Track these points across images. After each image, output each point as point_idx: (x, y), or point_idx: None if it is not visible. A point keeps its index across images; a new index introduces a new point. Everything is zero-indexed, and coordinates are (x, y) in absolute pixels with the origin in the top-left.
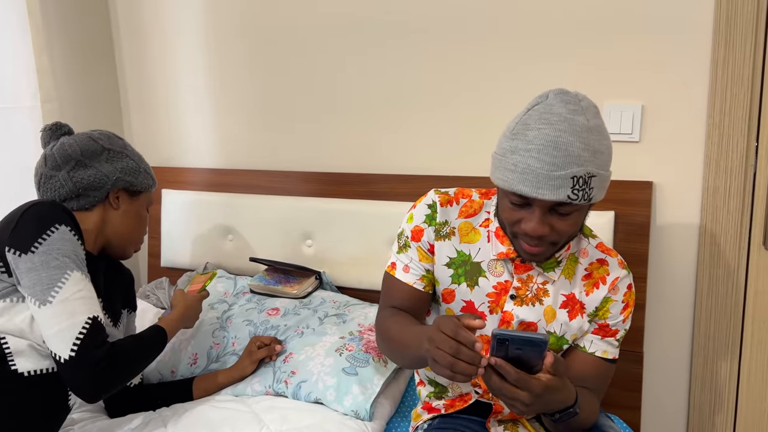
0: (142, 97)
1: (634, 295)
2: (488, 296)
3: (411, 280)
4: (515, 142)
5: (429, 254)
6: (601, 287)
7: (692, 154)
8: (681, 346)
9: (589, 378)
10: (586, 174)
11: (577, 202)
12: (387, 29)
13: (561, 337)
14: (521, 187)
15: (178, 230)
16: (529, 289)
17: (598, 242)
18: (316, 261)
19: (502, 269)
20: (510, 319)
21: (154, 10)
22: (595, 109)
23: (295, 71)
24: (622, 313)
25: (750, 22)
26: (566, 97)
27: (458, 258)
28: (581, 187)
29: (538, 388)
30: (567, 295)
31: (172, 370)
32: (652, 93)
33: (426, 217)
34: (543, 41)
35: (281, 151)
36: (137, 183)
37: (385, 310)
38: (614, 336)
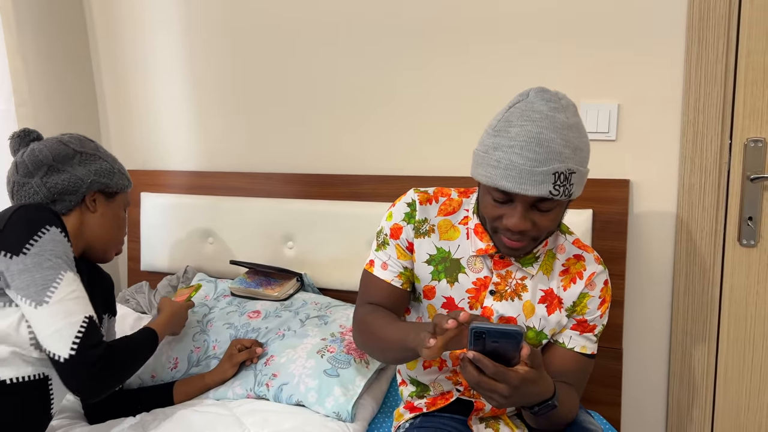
0: (119, 99)
1: (611, 290)
2: (468, 292)
3: (389, 277)
4: (498, 138)
5: (407, 252)
6: (578, 282)
7: (668, 151)
8: (659, 342)
9: (568, 373)
10: (567, 170)
11: (558, 197)
12: (369, 31)
13: (540, 332)
14: (504, 182)
15: (157, 234)
16: (508, 285)
17: (575, 238)
18: (297, 263)
19: (481, 265)
20: (490, 315)
21: (130, 11)
22: (574, 107)
23: (276, 72)
24: (599, 309)
25: (722, 21)
26: (547, 95)
27: (438, 255)
28: (562, 183)
29: (516, 380)
30: (545, 290)
31: (153, 375)
32: (627, 92)
33: (405, 216)
34: (520, 43)
35: (262, 152)
36: (112, 184)
37: (364, 306)
38: (592, 331)
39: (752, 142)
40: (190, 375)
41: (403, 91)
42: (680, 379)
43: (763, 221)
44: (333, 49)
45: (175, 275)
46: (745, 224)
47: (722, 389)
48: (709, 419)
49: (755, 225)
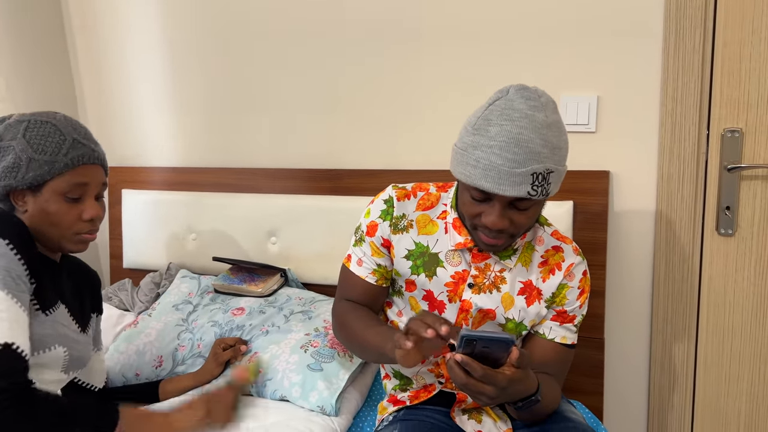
0: (98, 95)
1: (590, 281)
2: (446, 285)
3: (363, 273)
4: (477, 137)
5: (382, 249)
6: (557, 273)
7: (647, 142)
8: (640, 331)
9: (549, 363)
10: (545, 170)
11: (536, 197)
12: (351, 27)
13: (520, 323)
14: (483, 182)
15: (139, 231)
16: (487, 277)
17: (553, 230)
18: (281, 258)
19: (460, 259)
20: (468, 308)
21: (108, 7)
22: (553, 104)
23: (257, 67)
24: (578, 299)
25: (699, 12)
26: (526, 93)
27: (416, 249)
28: (540, 183)
29: (503, 382)
30: (524, 282)
31: (137, 373)
32: (607, 84)
33: (382, 213)
34: (499, 36)
35: (244, 148)
36: (26, 179)
37: (342, 302)
38: (572, 322)
39: (729, 132)
40: (174, 374)
41: (386, 87)
42: (661, 367)
43: (741, 210)
44: (315, 45)
45: (158, 272)
46: (723, 213)
47: (702, 376)
48: (689, 406)
49: (732, 214)
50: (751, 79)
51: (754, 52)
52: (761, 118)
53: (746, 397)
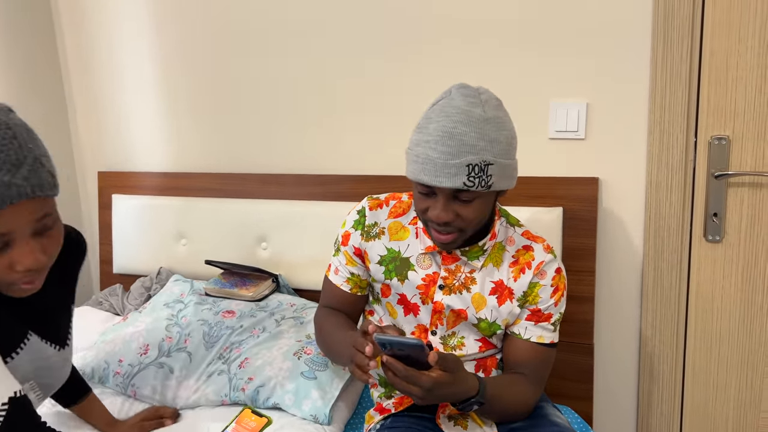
0: (89, 100)
1: (565, 279)
2: (418, 288)
3: (339, 281)
4: (419, 135)
5: (355, 258)
6: (527, 272)
7: (635, 149)
8: (629, 337)
9: (525, 364)
10: (481, 162)
11: (474, 188)
12: (342, 32)
13: (493, 323)
14: (422, 176)
15: (129, 236)
16: (457, 279)
17: (524, 230)
18: (272, 264)
19: (430, 262)
20: (441, 309)
21: (98, 11)
22: (496, 101)
23: (248, 72)
24: (552, 297)
25: (687, 21)
26: (466, 91)
27: (388, 255)
28: (477, 175)
29: (428, 383)
30: (495, 281)
31: (120, 360)
32: (595, 91)
33: (354, 223)
34: (488, 42)
35: (235, 153)
36: None
37: (321, 309)
38: (548, 320)
39: (716, 140)
40: (159, 363)
41: (378, 93)
42: (650, 373)
43: (728, 217)
44: (306, 49)
45: (148, 277)
46: (711, 220)
47: (690, 382)
48: (678, 412)
49: (720, 221)
50: (738, 87)
51: (741, 60)
52: (748, 126)
53: (734, 403)
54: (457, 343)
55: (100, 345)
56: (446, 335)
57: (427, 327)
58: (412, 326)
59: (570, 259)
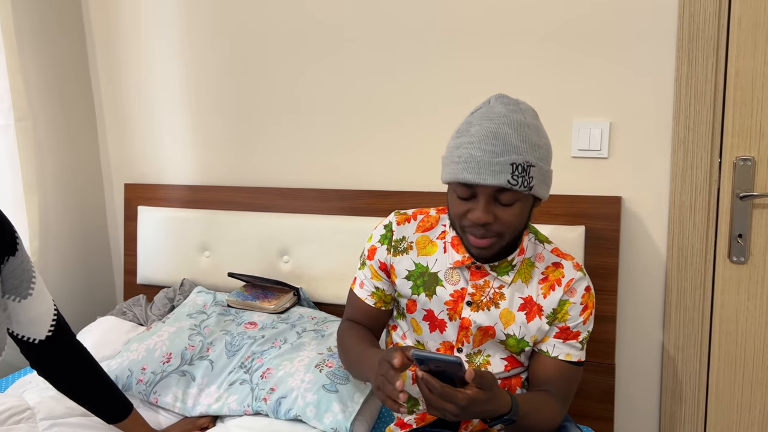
0: (118, 114)
1: (594, 297)
2: (446, 304)
3: (363, 295)
4: (460, 139)
5: (380, 272)
6: (557, 289)
7: (659, 169)
8: (652, 357)
9: (552, 381)
10: (524, 162)
11: (517, 188)
12: (365, 48)
13: (521, 339)
14: (465, 174)
15: (154, 247)
16: (485, 295)
17: (553, 247)
18: (293, 277)
19: (458, 277)
20: (468, 325)
21: (129, 29)
22: (533, 112)
23: (273, 88)
24: (581, 315)
25: (711, 42)
26: (506, 100)
27: (416, 270)
28: (520, 174)
29: (463, 401)
30: (524, 297)
31: (143, 367)
32: (619, 110)
33: (381, 237)
34: (513, 61)
35: (258, 167)
36: None
37: (344, 322)
38: (576, 338)
39: (741, 161)
40: (181, 372)
41: (400, 109)
42: (672, 394)
43: (753, 239)
44: (329, 65)
45: (171, 288)
46: (735, 241)
47: (713, 405)
48: None
49: (745, 242)
50: (764, 108)
51: (767, 81)
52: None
53: (758, 426)
54: (483, 361)
55: (124, 354)
56: (472, 353)
57: (453, 344)
58: (437, 343)
59: (592, 278)
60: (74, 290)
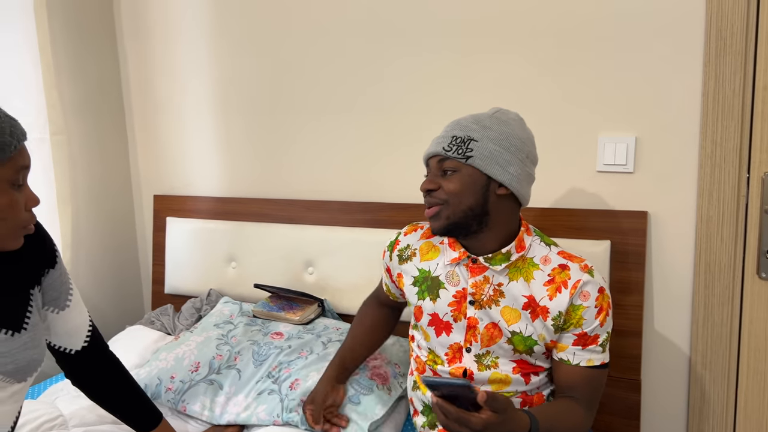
0: (148, 128)
1: (609, 298)
2: (450, 306)
3: (384, 281)
4: None
5: (386, 274)
6: (563, 291)
7: (686, 184)
8: (678, 374)
9: (577, 387)
10: (465, 136)
11: (451, 154)
12: (389, 66)
13: (528, 337)
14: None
15: (181, 257)
16: (485, 293)
17: (560, 250)
18: (318, 288)
19: (459, 278)
20: (475, 324)
21: (160, 43)
22: (514, 115)
23: (298, 101)
24: (597, 318)
25: (739, 56)
26: (496, 108)
27: (420, 275)
28: (457, 144)
29: (478, 426)
30: (527, 296)
31: (172, 376)
32: (645, 125)
33: (389, 244)
34: (539, 75)
35: (284, 179)
36: None
37: (367, 300)
38: (595, 342)
39: None
40: (209, 380)
41: (422, 124)
42: (700, 412)
43: None
44: (354, 80)
45: (198, 298)
46: (764, 257)
47: (742, 423)
48: None
49: None
50: None
51: None
52: None
53: None
54: (491, 362)
55: (153, 362)
56: (481, 353)
57: (461, 345)
58: (445, 347)
59: (618, 293)
60: (104, 299)
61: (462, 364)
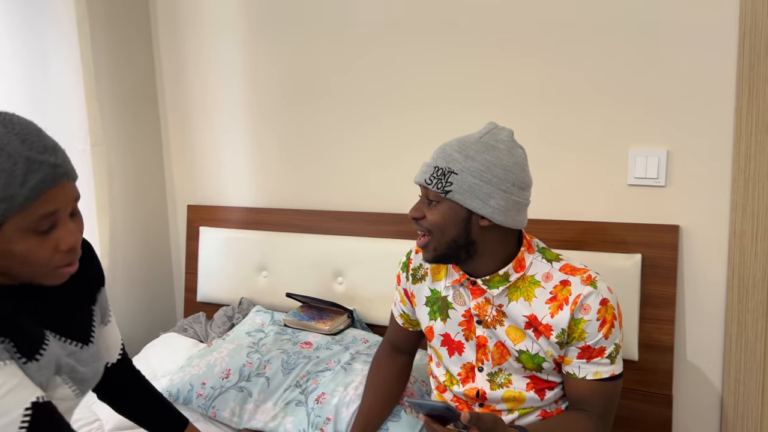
0: (183, 140)
1: (614, 309)
2: (460, 325)
3: (396, 314)
4: None
5: (405, 298)
6: (564, 308)
7: (718, 198)
8: (711, 389)
9: (586, 401)
10: (446, 168)
11: (431, 187)
12: (418, 79)
13: (535, 355)
14: None
15: (214, 266)
16: (488, 314)
17: (563, 264)
18: (347, 298)
19: (464, 298)
20: (484, 342)
21: (195, 59)
22: (505, 137)
23: (329, 114)
24: (600, 330)
25: None
26: (488, 125)
27: (432, 296)
28: (438, 177)
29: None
30: (528, 316)
31: (203, 382)
32: (677, 138)
33: (402, 265)
34: (570, 87)
35: (314, 190)
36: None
37: (381, 347)
38: (601, 355)
39: None
40: (239, 387)
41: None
42: (733, 428)
43: None
44: (380, 96)
45: (230, 306)
46: None
47: None
48: None
49: None
50: None
51: None
52: None
53: None
54: (504, 380)
55: (186, 368)
56: (493, 372)
57: (473, 364)
58: (458, 367)
59: (649, 307)
60: (139, 306)
61: (475, 384)
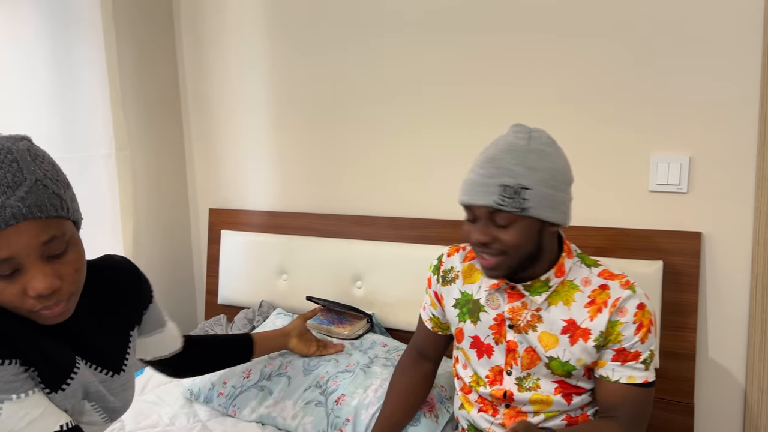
0: (206, 144)
1: (651, 314)
2: (491, 329)
3: (425, 318)
4: (471, 166)
5: (435, 301)
6: (603, 311)
7: (741, 205)
8: (734, 398)
9: (617, 406)
10: (516, 185)
11: (506, 208)
12: (437, 86)
13: (565, 363)
14: (462, 196)
15: (235, 269)
16: (522, 318)
17: (601, 270)
18: (366, 303)
19: (498, 302)
20: (514, 347)
21: (218, 66)
22: (546, 138)
23: (348, 120)
24: (636, 334)
25: None
26: (518, 128)
27: (462, 298)
28: (510, 196)
29: None
30: (567, 320)
31: (225, 382)
32: (699, 145)
33: (434, 268)
34: (591, 92)
35: (333, 195)
36: None
37: (406, 353)
38: (636, 359)
39: None
40: (260, 387)
41: (467, 140)
42: None
43: None
44: (401, 102)
45: (250, 309)
46: None
47: None
48: None
49: None
50: None
51: None
52: None
53: None
54: (533, 384)
55: None
56: (521, 376)
57: (502, 368)
58: (486, 369)
59: (670, 314)
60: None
61: (503, 386)
